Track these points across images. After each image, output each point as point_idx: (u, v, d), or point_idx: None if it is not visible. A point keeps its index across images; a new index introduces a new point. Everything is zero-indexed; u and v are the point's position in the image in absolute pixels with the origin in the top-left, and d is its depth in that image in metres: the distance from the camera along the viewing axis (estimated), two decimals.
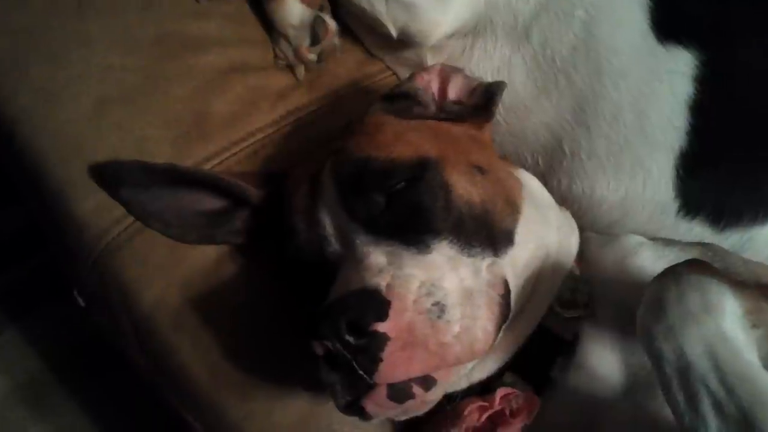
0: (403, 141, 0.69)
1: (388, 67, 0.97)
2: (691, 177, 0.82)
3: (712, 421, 0.53)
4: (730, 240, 0.81)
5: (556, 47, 0.86)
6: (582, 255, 0.77)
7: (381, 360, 0.55)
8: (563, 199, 0.85)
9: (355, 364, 0.55)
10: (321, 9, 0.89)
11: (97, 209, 0.78)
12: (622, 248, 0.74)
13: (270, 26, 0.90)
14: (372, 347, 0.55)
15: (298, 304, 0.69)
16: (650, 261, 0.72)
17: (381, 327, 0.56)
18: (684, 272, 0.58)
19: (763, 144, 0.80)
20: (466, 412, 0.67)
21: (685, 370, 0.54)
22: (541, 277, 0.71)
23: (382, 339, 0.55)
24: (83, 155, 0.78)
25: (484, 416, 0.67)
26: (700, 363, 0.54)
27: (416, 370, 0.57)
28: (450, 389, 0.66)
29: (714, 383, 0.53)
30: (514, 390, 0.67)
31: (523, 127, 0.90)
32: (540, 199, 0.77)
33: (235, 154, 0.81)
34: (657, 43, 0.83)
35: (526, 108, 0.89)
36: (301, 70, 0.90)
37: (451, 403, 0.67)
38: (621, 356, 0.69)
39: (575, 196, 0.87)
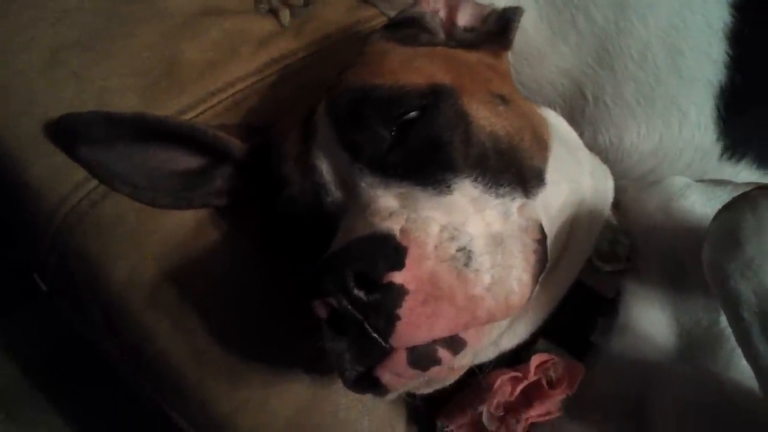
0: (411, 68, 0.60)
1: (382, 12, 0.88)
2: (735, 115, 0.75)
3: None
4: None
5: None
6: (619, 204, 0.68)
7: (399, 318, 0.46)
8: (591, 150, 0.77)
9: (366, 325, 0.46)
10: None
11: (53, 173, 0.68)
12: (666, 192, 0.65)
13: None
14: (387, 303, 0.46)
15: (292, 273, 0.59)
16: (700, 203, 0.63)
17: (397, 278, 0.46)
18: (760, 198, 0.48)
19: None
20: (496, 385, 0.57)
21: (763, 315, 0.46)
22: (576, 225, 0.62)
23: (399, 292, 0.46)
24: (35, 112, 0.69)
25: (518, 389, 0.58)
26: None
27: (442, 329, 0.47)
28: (479, 358, 0.56)
29: None
30: (552, 356, 0.58)
31: (537, 76, 0.82)
32: (569, 139, 0.68)
33: (212, 106, 0.72)
34: None
35: (540, 53, 0.81)
36: (285, 15, 0.82)
37: (479, 376, 0.58)
38: (672, 314, 0.61)
39: (602, 147, 0.79)
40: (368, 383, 0.49)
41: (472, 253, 0.49)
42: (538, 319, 0.60)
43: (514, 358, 0.61)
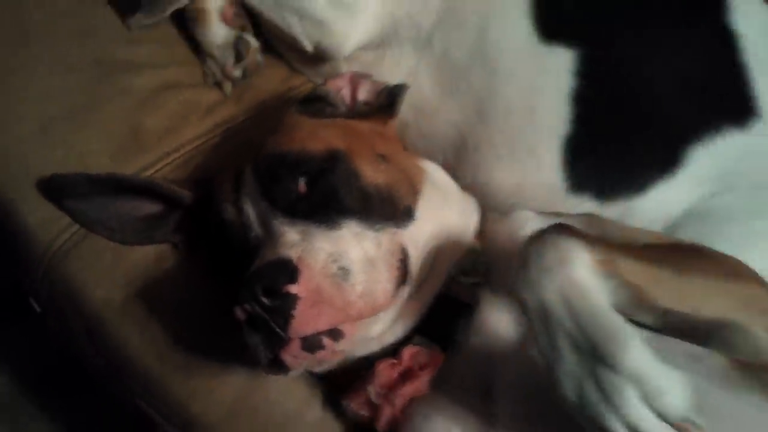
0: (315, 136, 0.80)
1: (310, 80, 1.07)
2: (576, 159, 0.92)
3: (568, 356, 0.61)
4: (613, 210, 0.91)
5: (455, 53, 0.97)
6: (483, 232, 0.87)
7: (293, 317, 0.65)
8: (470, 188, 0.94)
9: (271, 323, 0.65)
10: (243, 29, 0.99)
11: (45, 220, 0.86)
12: (513, 223, 0.84)
13: (198, 47, 1.00)
14: (284, 306, 0.65)
15: (228, 291, 0.79)
16: None
17: (292, 289, 0.65)
18: (545, 234, 0.68)
19: (633, 129, 0.91)
20: (379, 370, 0.76)
21: (544, 316, 0.62)
22: (442, 250, 0.81)
23: (293, 299, 0.65)
24: (31, 171, 0.87)
25: (395, 372, 0.77)
26: (556, 308, 0.62)
27: (324, 324, 0.67)
28: (369, 349, 0.76)
29: (569, 324, 0.61)
30: (420, 348, 0.77)
31: (432, 127, 1.00)
32: (442, 185, 0.87)
33: (168, 163, 0.91)
34: (540, 43, 0.94)
35: (433, 109, 1.00)
36: (228, 86, 1.00)
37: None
38: (514, 317, 0.77)
39: (479, 184, 0.96)
40: (276, 366, 0.69)
41: (349, 271, 0.68)
42: (412, 321, 0.78)
43: (396, 351, 0.80)
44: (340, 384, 0.80)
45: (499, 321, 0.78)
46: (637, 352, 0.59)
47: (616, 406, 0.59)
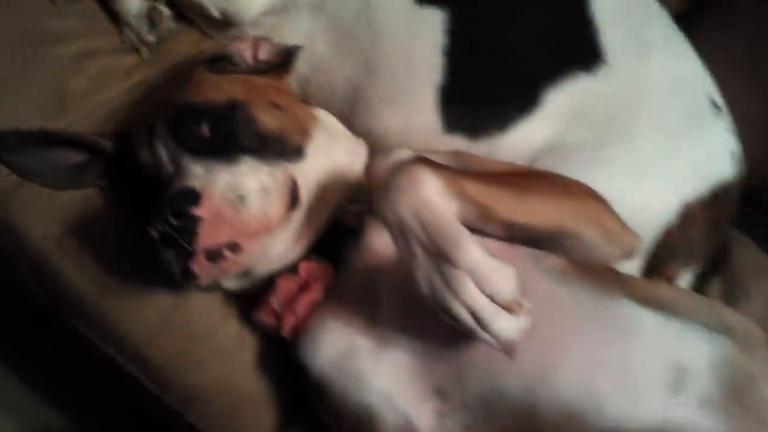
0: (218, 89, 0.93)
1: (219, 43, 1.19)
2: (449, 104, 1.07)
3: (421, 258, 0.76)
4: (482, 147, 1.06)
5: (344, 16, 1.09)
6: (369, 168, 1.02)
7: (197, 234, 0.80)
8: (365, 135, 1.08)
9: (179, 239, 0.79)
10: (156, 0, 1.12)
11: None
12: (390, 159, 0.99)
13: (116, 18, 1.12)
14: (190, 225, 0.80)
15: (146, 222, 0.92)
16: None
17: (196, 211, 0.80)
18: (402, 164, 0.82)
19: (496, 76, 1.07)
20: (279, 283, 0.91)
21: (401, 228, 0.77)
22: (331, 182, 0.95)
23: (197, 219, 0.80)
24: None
25: (294, 284, 0.91)
26: (410, 222, 0.76)
27: (224, 239, 0.81)
28: (268, 269, 0.91)
29: (420, 234, 0.76)
30: (314, 263, 0.92)
31: (329, 82, 1.13)
32: (332, 129, 1.01)
33: (92, 120, 1.04)
34: (415, 5, 1.08)
35: (328, 67, 1.12)
36: (144, 51, 1.12)
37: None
38: None
39: (371, 131, 1.09)
40: (188, 276, 0.83)
41: (245, 197, 0.83)
42: (307, 242, 0.93)
43: (295, 269, 0.94)
44: (253, 302, 0.95)
45: (379, 241, 0.92)
46: (472, 250, 0.74)
47: (457, 293, 0.74)
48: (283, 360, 0.96)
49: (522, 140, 1.07)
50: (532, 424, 0.84)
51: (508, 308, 0.75)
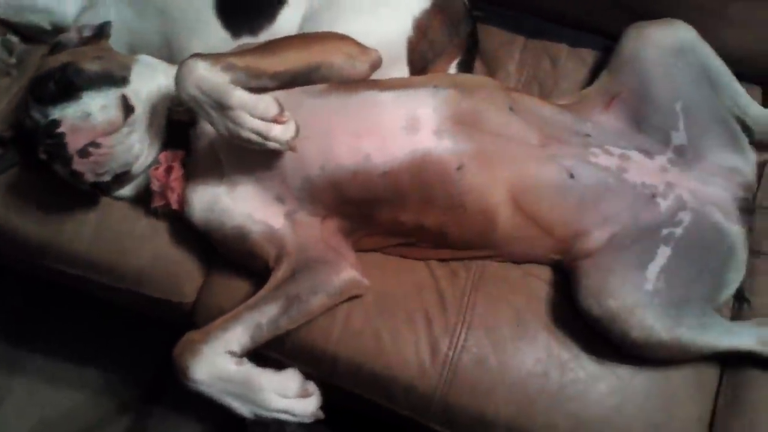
0: (55, 61, 1.34)
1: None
2: (228, 17, 1.45)
3: (213, 114, 1.13)
4: (264, 37, 1.42)
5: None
6: None
7: (66, 143, 1.19)
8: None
9: (58, 151, 1.19)
10: (4, 33, 1.53)
11: None
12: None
13: None
14: (59, 138, 1.19)
15: None
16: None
17: (59, 129, 1.19)
18: (190, 59, 1.18)
19: None
20: (151, 173, 1.32)
21: (194, 101, 1.12)
22: (158, 95, 1.31)
23: (62, 134, 1.19)
24: None
25: (162, 170, 1.30)
26: (197, 94, 1.12)
27: (85, 140, 1.20)
28: (133, 161, 1.30)
29: (205, 99, 1.13)
30: (167, 151, 1.33)
31: (147, 38, 1.51)
32: (150, 63, 1.38)
33: None
34: None
35: (142, 29, 1.50)
36: (13, 70, 1.53)
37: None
38: None
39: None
40: (76, 176, 1.21)
41: (90, 113, 1.23)
42: (159, 141, 1.31)
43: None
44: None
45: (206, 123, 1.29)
46: (237, 94, 1.12)
47: (240, 124, 1.12)
48: (186, 228, 1.34)
49: (288, 22, 1.46)
50: (338, 189, 1.26)
51: (276, 121, 1.14)
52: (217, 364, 1.14)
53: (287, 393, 1.16)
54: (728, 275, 1.30)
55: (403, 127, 1.26)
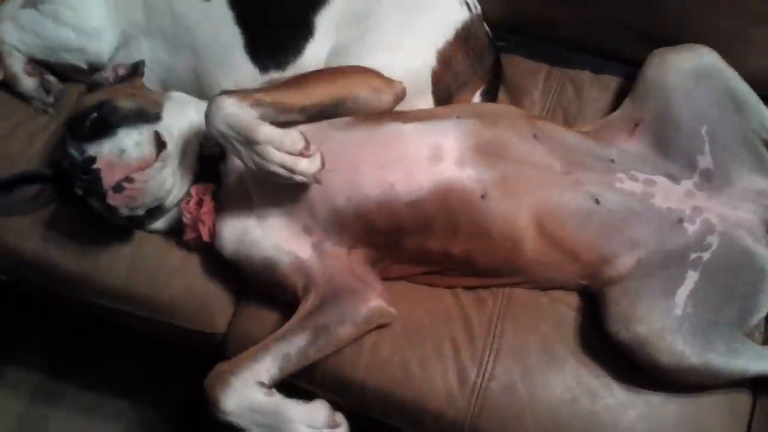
0: (91, 99, 1.39)
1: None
2: (256, 53, 1.49)
3: (241, 149, 1.16)
4: (291, 72, 1.47)
5: (164, 26, 1.53)
6: None
7: (101, 178, 1.21)
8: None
9: (93, 187, 1.21)
10: (42, 74, 1.59)
11: None
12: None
13: (22, 97, 1.60)
14: (95, 174, 1.21)
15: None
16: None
17: (94, 166, 1.22)
18: (218, 96, 1.22)
19: (279, 22, 1.49)
20: (183, 206, 1.35)
21: (223, 136, 1.15)
22: (189, 131, 1.35)
23: (97, 170, 1.22)
24: None
25: (193, 203, 1.34)
26: (225, 130, 1.15)
27: (119, 176, 1.22)
28: (165, 195, 1.33)
29: (233, 135, 1.16)
30: (198, 185, 1.37)
31: (178, 74, 1.56)
32: (181, 99, 1.43)
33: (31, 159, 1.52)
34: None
35: (173, 65, 1.55)
36: (50, 110, 1.59)
37: None
38: None
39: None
40: (111, 211, 1.24)
41: (125, 150, 1.27)
42: (190, 175, 1.36)
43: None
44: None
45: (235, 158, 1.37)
46: (263, 129, 1.14)
47: (268, 159, 1.14)
48: (217, 260, 1.36)
49: (315, 57, 1.49)
50: (365, 219, 1.28)
51: (303, 154, 1.16)
52: (247, 395, 1.15)
53: (316, 424, 1.16)
54: (759, 299, 1.28)
55: (428, 158, 1.28)
